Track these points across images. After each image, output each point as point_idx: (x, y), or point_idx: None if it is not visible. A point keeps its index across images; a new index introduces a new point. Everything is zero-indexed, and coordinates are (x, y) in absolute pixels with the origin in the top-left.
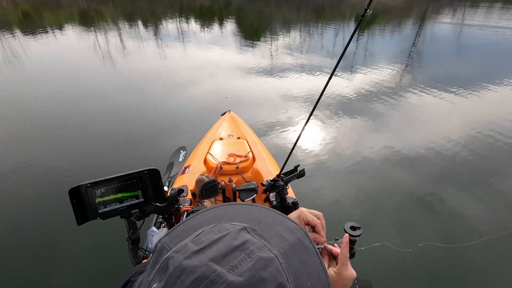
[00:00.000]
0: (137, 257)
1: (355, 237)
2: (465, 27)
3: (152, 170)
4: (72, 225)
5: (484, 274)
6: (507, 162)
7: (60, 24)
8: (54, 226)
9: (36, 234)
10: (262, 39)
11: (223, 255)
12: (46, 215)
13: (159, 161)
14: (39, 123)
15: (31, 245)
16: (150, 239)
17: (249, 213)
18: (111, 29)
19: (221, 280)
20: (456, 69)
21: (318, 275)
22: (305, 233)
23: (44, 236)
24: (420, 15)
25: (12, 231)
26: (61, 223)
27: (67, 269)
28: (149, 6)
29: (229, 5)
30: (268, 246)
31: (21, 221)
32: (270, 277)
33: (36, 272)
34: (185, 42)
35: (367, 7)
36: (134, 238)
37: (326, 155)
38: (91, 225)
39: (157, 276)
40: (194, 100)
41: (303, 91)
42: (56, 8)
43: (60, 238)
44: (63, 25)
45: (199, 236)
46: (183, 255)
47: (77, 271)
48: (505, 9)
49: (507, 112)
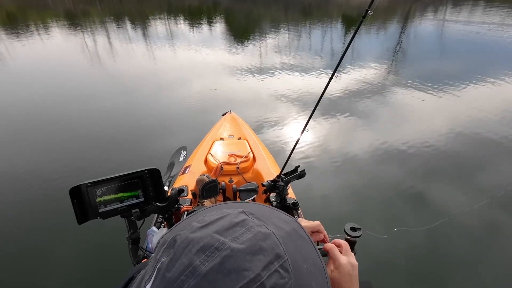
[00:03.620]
0: (137, 257)
1: (355, 238)
2: (447, 25)
3: (153, 170)
4: (70, 225)
5: (450, 252)
6: (484, 154)
7: (46, 24)
8: (53, 226)
9: (34, 236)
10: (259, 39)
11: (225, 229)
12: (46, 215)
13: (159, 161)
14: (34, 125)
15: (28, 247)
16: (150, 239)
17: (247, 208)
18: (99, 29)
19: (225, 247)
20: (438, 66)
21: (314, 260)
22: (299, 225)
23: (42, 237)
24: (404, 14)
25: (9, 233)
26: (61, 223)
27: (67, 269)
28: (136, 6)
29: (218, 5)
30: (266, 226)
31: (19, 222)
32: (268, 247)
33: (36, 272)
34: (178, 43)
35: (368, 8)
36: (134, 237)
37: (326, 155)
38: (91, 225)
39: (165, 252)
40: (194, 100)
41: (303, 91)
42: (42, 8)
43: (60, 238)
44: (49, 26)
45: (202, 217)
46: (188, 231)
47: (77, 271)
48: (487, 8)
49: (487, 108)
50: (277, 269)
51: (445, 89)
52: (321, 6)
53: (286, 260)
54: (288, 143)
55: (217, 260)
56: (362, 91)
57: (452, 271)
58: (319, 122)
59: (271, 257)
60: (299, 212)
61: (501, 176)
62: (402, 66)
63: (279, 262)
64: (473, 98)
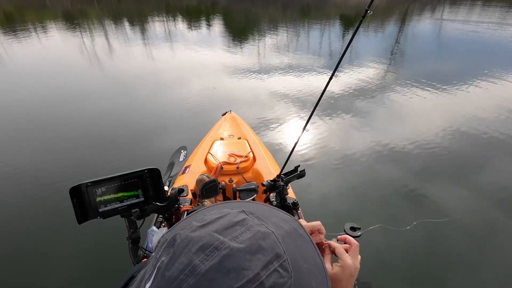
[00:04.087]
0: (137, 256)
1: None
2: (445, 24)
3: (153, 169)
4: (70, 225)
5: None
6: (482, 152)
7: (44, 25)
8: (53, 226)
9: (34, 235)
10: (259, 39)
11: (225, 228)
12: (46, 215)
13: (159, 160)
14: (34, 125)
15: (28, 247)
16: (150, 239)
17: (247, 207)
18: (98, 30)
19: (224, 246)
20: (437, 66)
21: (314, 260)
22: (299, 224)
23: (42, 237)
24: (402, 14)
25: (9, 233)
26: (61, 223)
27: (67, 269)
28: (135, 6)
29: (216, 4)
30: (265, 225)
31: (19, 222)
32: (268, 247)
33: (36, 272)
34: (178, 43)
35: (367, 8)
36: (134, 237)
37: (326, 155)
38: (91, 224)
39: (165, 251)
40: (194, 100)
41: (303, 90)
42: (40, 8)
43: (60, 238)
44: (47, 26)
45: (202, 216)
46: (188, 230)
47: (77, 271)
48: (485, 8)
49: (484, 107)
50: (276, 268)
51: (445, 88)
52: (319, 6)
53: (285, 260)
54: (288, 143)
55: (216, 260)
56: (362, 90)
57: (452, 271)
58: (319, 122)
59: (270, 256)
60: (299, 212)
61: (502, 176)
62: (401, 66)
63: (279, 261)
64: (475, 97)
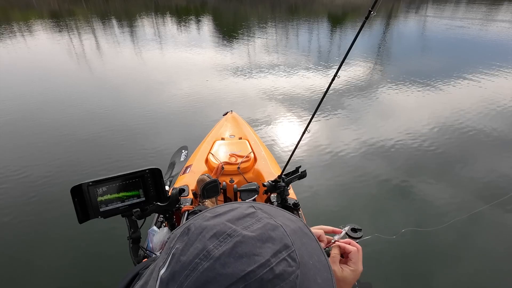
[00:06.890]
0: (138, 256)
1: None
2: (430, 22)
3: (154, 169)
4: (71, 224)
5: (452, 253)
6: (470, 150)
7: (30, 25)
8: (54, 226)
9: (34, 235)
10: (259, 39)
11: (237, 218)
12: (46, 215)
13: (160, 160)
14: (35, 125)
15: (28, 247)
16: (150, 238)
17: (255, 204)
18: (91, 29)
19: (237, 233)
20: (422, 63)
21: (319, 257)
22: (304, 224)
23: (42, 237)
24: (387, 12)
25: (9, 233)
26: (62, 222)
27: (67, 268)
28: (122, 5)
29: (205, 4)
30: (274, 219)
31: (19, 223)
32: (277, 237)
33: (36, 272)
34: (178, 43)
35: (371, 9)
36: (135, 237)
37: (327, 156)
38: (91, 224)
39: (179, 239)
40: (195, 100)
41: (304, 91)
42: (25, 8)
43: (60, 238)
44: (33, 26)
45: (214, 208)
46: (202, 220)
47: (77, 270)
48: (469, 6)
49: (470, 104)
50: (285, 257)
51: (444, 87)
52: (307, 5)
53: (293, 251)
54: (289, 144)
55: (229, 245)
56: (361, 90)
57: (452, 271)
58: (321, 122)
59: (279, 246)
60: (300, 213)
61: (501, 175)
62: (387, 63)
63: (287, 252)
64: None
